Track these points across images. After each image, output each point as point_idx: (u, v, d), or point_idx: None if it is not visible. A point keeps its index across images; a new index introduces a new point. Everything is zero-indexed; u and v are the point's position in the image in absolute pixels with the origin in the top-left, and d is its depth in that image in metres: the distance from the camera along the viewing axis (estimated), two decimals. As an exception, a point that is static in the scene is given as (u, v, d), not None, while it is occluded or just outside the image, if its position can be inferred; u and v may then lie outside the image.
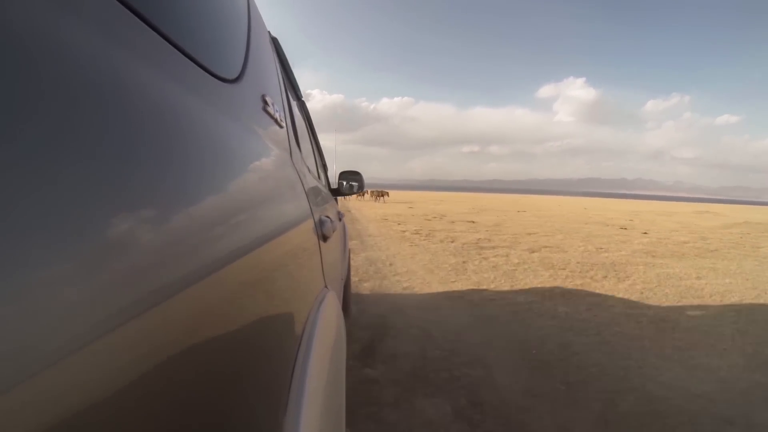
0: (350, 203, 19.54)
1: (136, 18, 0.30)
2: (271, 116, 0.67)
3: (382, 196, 24.57)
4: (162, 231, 0.24)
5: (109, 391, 0.18)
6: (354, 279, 3.61)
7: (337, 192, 2.24)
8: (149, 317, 0.21)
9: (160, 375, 0.21)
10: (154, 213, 0.24)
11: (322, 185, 1.56)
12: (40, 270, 0.16)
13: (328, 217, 0.97)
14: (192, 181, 0.30)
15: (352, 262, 3.61)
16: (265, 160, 0.54)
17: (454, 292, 3.44)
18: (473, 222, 9.88)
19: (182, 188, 0.28)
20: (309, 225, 0.69)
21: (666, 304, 3.21)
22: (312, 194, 0.87)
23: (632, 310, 3.00)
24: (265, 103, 0.64)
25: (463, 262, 4.72)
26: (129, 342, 0.19)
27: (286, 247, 0.49)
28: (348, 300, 2.47)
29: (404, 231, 7.63)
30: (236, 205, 0.37)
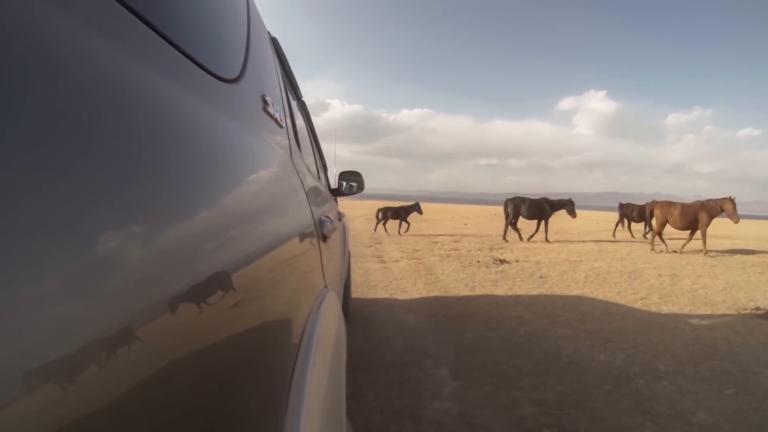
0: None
1: (136, 18, 0.30)
2: (271, 116, 0.67)
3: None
4: (160, 231, 0.24)
5: (113, 391, 0.18)
6: None
7: (337, 192, 2.24)
8: (150, 318, 0.21)
9: (162, 375, 0.21)
10: (153, 213, 0.24)
11: (322, 185, 1.56)
12: (43, 272, 0.15)
13: (328, 217, 0.97)
14: (191, 180, 0.30)
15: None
16: (265, 159, 0.54)
17: None
18: None
19: (181, 188, 0.28)
20: (309, 225, 0.69)
21: None
22: (312, 194, 0.87)
23: None
24: (265, 102, 0.64)
25: None
26: (131, 342, 0.19)
27: (286, 247, 0.49)
28: (348, 300, 2.46)
29: None
30: (236, 205, 0.37)
